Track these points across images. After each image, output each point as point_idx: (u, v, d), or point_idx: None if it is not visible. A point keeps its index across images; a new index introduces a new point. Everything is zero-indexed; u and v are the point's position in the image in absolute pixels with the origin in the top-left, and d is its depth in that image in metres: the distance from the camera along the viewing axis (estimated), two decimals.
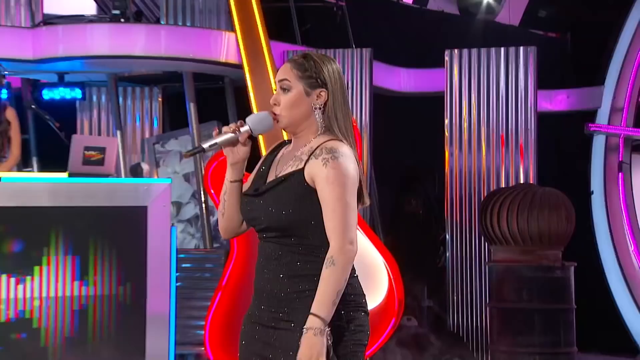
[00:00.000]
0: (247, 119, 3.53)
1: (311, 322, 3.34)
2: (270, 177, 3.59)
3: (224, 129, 3.50)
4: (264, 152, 3.86)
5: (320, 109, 3.55)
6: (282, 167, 3.58)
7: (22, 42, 10.65)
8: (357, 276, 3.60)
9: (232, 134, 3.48)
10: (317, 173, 3.42)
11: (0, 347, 7.61)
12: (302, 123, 3.57)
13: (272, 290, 3.55)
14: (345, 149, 3.45)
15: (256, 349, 3.62)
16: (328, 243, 3.46)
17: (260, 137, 8.12)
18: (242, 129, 3.51)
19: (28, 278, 7.73)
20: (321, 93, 3.53)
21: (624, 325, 13.17)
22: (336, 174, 3.39)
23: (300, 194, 3.48)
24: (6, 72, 9.21)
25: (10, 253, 7.75)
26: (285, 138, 3.77)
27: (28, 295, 7.73)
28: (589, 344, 11.29)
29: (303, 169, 3.46)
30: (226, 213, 3.68)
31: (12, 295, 7.70)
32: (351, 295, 3.53)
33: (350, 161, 3.43)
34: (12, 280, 7.69)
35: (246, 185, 3.70)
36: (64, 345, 7.87)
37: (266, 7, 10.34)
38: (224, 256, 9.58)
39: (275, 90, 3.59)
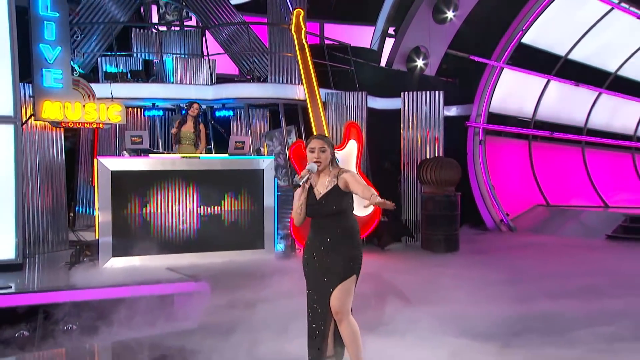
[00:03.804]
0: (308, 167, 3.70)
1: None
2: (317, 193, 3.74)
3: (302, 173, 3.67)
4: None
5: (331, 159, 3.76)
6: (323, 188, 3.74)
7: (206, 92, 10.60)
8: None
9: (307, 175, 3.65)
10: (348, 180, 3.65)
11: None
12: (326, 167, 3.75)
13: (324, 240, 3.69)
14: (347, 170, 3.76)
15: (316, 265, 3.73)
16: (352, 216, 3.75)
17: None
18: (309, 172, 3.66)
19: (216, 206, 8.14)
20: (331, 152, 3.76)
21: (482, 217, 13.28)
22: (355, 177, 3.67)
23: (339, 197, 3.69)
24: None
25: (207, 194, 8.08)
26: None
27: (218, 210, 8.13)
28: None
29: (337, 184, 3.69)
30: (302, 214, 3.77)
31: (207, 210, 8.08)
32: (360, 245, 3.78)
33: (353, 172, 3.77)
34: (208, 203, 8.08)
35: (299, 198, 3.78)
36: (233, 226, 8.22)
37: (317, 69, 10.16)
38: None
39: (316, 150, 3.72)
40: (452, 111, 13.71)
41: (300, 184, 3.65)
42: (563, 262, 8.94)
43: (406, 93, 10.94)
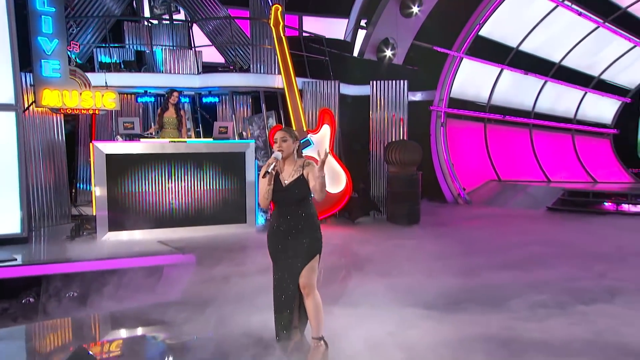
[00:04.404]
0: (274, 155, 3.63)
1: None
2: (282, 181, 3.67)
3: (269, 161, 3.60)
4: None
5: (295, 149, 3.69)
6: (288, 176, 3.70)
7: (193, 80, 10.36)
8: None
9: (274, 163, 3.60)
10: (311, 171, 3.62)
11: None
12: (289, 155, 3.70)
13: (289, 225, 3.64)
14: (310, 161, 3.70)
15: (282, 248, 3.68)
16: (312, 202, 3.71)
17: None
18: (275, 160, 3.60)
19: (201, 185, 7.97)
20: (295, 142, 3.70)
21: (442, 191, 13.40)
22: (314, 169, 3.60)
23: (303, 185, 3.64)
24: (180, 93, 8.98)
25: (193, 174, 7.93)
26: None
27: (203, 189, 7.99)
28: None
29: (302, 173, 3.65)
30: (269, 198, 3.68)
31: (193, 189, 7.94)
32: (319, 222, 3.76)
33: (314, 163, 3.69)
34: (194, 182, 7.93)
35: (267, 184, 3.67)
36: (218, 203, 8.14)
37: (294, 60, 9.99)
38: None
39: (278, 140, 3.69)
40: (418, 96, 13.70)
41: (269, 170, 3.58)
42: (509, 232, 9.03)
43: (375, 81, 10.83)
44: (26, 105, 8.13)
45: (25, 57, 7.85)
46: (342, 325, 4.07)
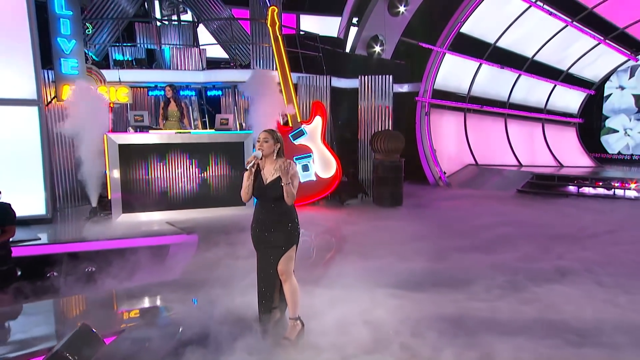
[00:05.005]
0: (254, 154, 3.59)
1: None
2: (264, 179, 3.65)
3: (249, 159, 3.57)
4: None
5: (275, 150, 3.64)
6: (269, 175, 3.67)
7: (197, 76, 10.25)
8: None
9: (253, 161, 3.58)
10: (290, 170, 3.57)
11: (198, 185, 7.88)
12: (270, 155, 3.66)
13: (269, 220, 3.63)
14: (292, 162, 3.63)
15: (263, 239, 3.66)
16: (286, 202, 3.63)
17: None
18: (255, 158, 3.57)
19: (204, 171, 8.00)
20: (277, 144, 3.65)
21: (425, 175, 13.35)
22: (289, 170, 3.58)
23: (282, 184, 3.59)
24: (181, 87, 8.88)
25: (197, 162, 7.92)
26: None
27: (206, 175, 7.97)
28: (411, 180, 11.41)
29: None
30: (249, 193, 3.69)
31: (197, 175, 7.96)
32: (297, 219, 3.72)
33: (294, 165, 3.64)
34: (198, 169, 7.97)
35: (246, 179, 3.68)
36: (220, 187, 8.13)
37: (290, 56, 9.79)
38: None
39: (261, 141, 3.64)
40: (404, 88, 13.54)
41: (248, 168, 3.54)
42: (481, 213, 8.96)
43: (363, 76, 10.70)
44: (49, 100, 8.14)
45: (47, 56, 7.83)
46: (319, 305, 4.09)
